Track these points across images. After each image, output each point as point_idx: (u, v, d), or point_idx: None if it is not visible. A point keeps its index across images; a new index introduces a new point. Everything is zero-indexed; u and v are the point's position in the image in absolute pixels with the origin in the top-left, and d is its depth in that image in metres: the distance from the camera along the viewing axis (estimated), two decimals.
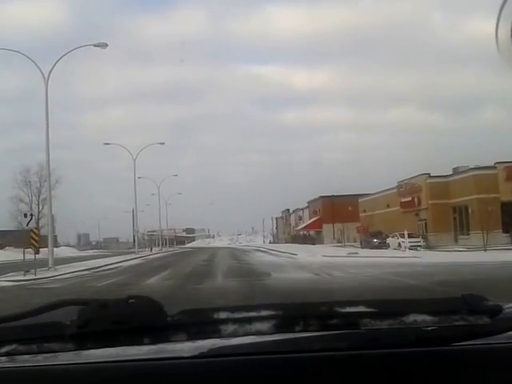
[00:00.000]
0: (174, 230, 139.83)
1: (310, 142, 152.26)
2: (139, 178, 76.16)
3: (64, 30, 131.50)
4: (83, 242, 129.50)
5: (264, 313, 1.01)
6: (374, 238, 44.37)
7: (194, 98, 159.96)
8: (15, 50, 27.93)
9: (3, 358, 1.03)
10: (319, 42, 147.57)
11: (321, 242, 63.93)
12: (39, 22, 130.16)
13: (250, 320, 1.00)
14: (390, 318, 1.03)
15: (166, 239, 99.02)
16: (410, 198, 45.36)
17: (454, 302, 1.09)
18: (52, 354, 1.02)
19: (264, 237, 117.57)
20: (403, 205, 46.75)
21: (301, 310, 1.09)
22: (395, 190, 48.97)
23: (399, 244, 38.49)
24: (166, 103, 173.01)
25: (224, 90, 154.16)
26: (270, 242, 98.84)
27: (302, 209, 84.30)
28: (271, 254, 39.78)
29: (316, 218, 71.92)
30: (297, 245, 61.68)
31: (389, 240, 41.68)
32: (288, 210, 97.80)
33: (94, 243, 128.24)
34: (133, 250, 76.29)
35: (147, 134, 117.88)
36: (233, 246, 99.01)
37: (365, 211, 56.37)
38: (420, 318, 1.03)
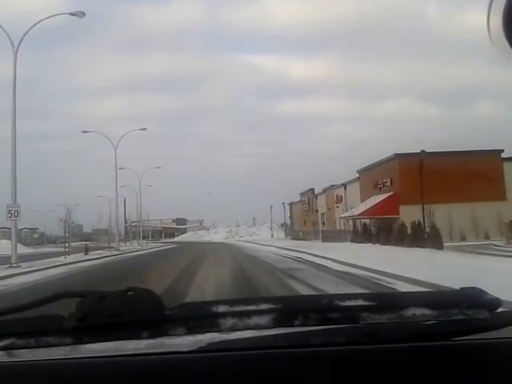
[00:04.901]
0: (161, 220, 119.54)
1: (308, 132, 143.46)
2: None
3: (60, 17, 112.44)
4: (76, 233, 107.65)
5: (263, 306, 1.01)
6: None
7: (191, 88, 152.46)
8: None
9: (1, 353, 1.02)
10: (316, 32, 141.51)
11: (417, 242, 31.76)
12: (35, 8, 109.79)
13: (249, 314, 1.00)
14: (389, 312, 1.03)
15: (141, 231, 73.18)
16: None
17: (453, 295, 1.09)
18: (50, 348, 1.01)
19: (272, 229, 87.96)
20: None
21: (300, 303, 1.08)
22: None
23: None
24: (161, 93, 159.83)
25: (221, 80, 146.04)
26: (293, 238, 66.77)
27: (345, 184, 51.56)
28: None
29: (388, 196, 38.93)
30: (385, 248, 29.77)
31: None
32: (312, 189, 65.46)
33: (72, 236, 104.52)
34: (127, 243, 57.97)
35: (142, 123, 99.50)
36: (232, 241, 70.86)
37: None
38: (419, 311, 1.03)
